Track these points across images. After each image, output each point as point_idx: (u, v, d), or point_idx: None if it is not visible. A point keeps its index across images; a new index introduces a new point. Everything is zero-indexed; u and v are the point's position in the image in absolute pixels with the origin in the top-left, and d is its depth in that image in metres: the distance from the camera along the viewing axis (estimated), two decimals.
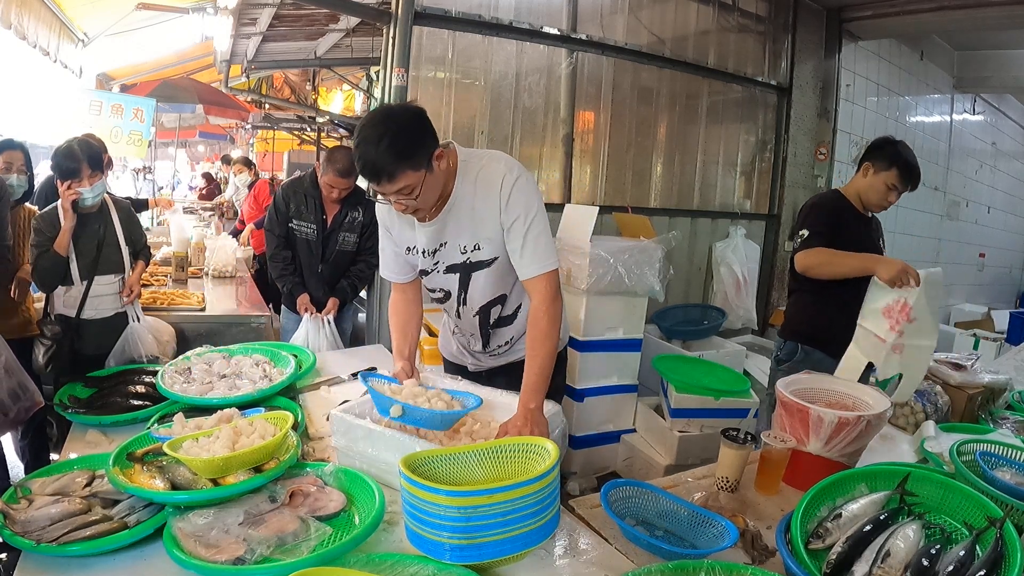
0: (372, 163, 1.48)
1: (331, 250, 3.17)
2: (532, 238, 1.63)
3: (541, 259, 1.65)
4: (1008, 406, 2.36)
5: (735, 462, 1.60)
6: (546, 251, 1.66)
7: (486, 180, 1.65)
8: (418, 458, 1.28)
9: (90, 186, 2.48)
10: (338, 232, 3.15)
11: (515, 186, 1.62)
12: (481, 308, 1.83)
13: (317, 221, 3.13)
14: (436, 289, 1.86)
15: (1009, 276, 8.78)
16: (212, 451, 1.40)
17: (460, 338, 2.01)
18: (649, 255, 3.24)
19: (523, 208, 1.63)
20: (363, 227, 3.17)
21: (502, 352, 1.96)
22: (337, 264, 3.20)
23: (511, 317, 1.88)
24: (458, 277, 1.78)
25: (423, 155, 1.52)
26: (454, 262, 1.75)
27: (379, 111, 1.56)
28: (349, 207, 3.14)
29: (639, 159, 4.61)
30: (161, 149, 10.60)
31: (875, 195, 2.43)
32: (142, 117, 5.71)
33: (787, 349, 2.56)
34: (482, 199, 1.65)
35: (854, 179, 2.53)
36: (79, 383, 2.17)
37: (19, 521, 1.28)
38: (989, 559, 1.14)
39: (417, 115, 1.54)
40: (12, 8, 3.70)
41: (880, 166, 2.40)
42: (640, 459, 3.26)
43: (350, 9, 4.08)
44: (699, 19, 4.68)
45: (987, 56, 6.52)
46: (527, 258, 1.64)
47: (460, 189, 1.66)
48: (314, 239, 3.15)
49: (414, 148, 1.50)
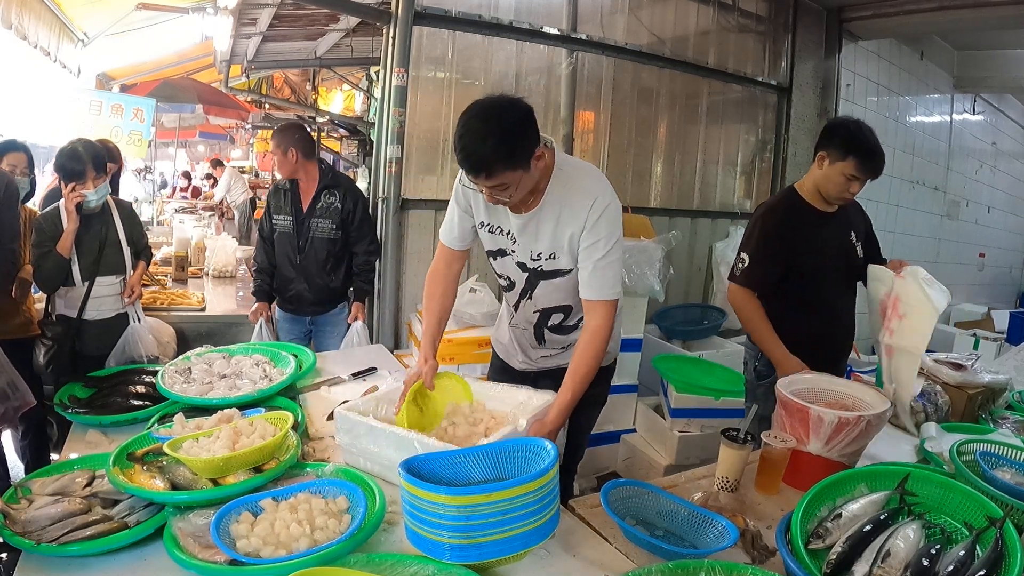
0: (476, 158, 1.51)
1: (305, 238, 3.09)
2: (604, 264, 1.67)
3: (607, 286, 1.69)
4: (1008, 406, 2.36)
5: (735, 462, 1.60)
6: (614, 280, 1.70)
7: (579, 195, 1.67)
8: (418, 458, 1.28)
9: (94, 188, 2.48)
10: (310, 219, 3.08)
11: (605, 211, 1.66)
12: (544, 310, 1.86)
13: (293, 211, 3.10)
14: (504, 276, 1.88)
15: (1009, 276, 8.77)
16: (212, 451, 1.41)
17: (515, 330, 2.00)
18: (649, 255, 3.24)
19: (606, 234, 1.66)
20: (343, 214, 3.09)
21: (555, 355, 1.97)
22: (314, 255, 3.10)
23: (572, 328, 1.90)
24: (526, 277, 1.81)
25: (525, 156, 1.54)
26: (523, 261, 1.78)
27: (488, 104, 1.54)
28: (324, 192, 3.09)
29: (639, 159, 4.61)
30: (161, 149, 10.61)
31: (833, 188, 2.15)
32: (142, 117, 5.70)
33: (766, 361, 2.28)
34: (569, 211, 1.67)
35: (811, 170, 2.24)
36: (79, 383, 2.17)
37: (19, 521, 1.28)
38: (989, 559, 1.14)
39: (525, 115, 1.55)
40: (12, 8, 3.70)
41: (835, 155, 2.12)
42: (640, 459, 3.26)
43: (350, 9, 4.08)
44: (699, 19, 4.68)
45: (987, 56, 6.51)
46: (595, 281, 1.68)
47: (550, 195, 1.68)
48: (290, 230, 3.11)
49: (518, 149, 1.52)
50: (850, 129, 2.13)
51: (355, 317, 3.12)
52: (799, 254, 2.20)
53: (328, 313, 3.22)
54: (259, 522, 1.25)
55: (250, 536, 1.21)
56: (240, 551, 1.18)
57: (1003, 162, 8.04)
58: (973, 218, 7.53)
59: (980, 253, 7.82)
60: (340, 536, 1.21)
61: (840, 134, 2.14)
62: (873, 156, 2.10)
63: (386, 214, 3.50)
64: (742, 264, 2.25)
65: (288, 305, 3.21)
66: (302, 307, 3.19)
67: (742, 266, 2.25)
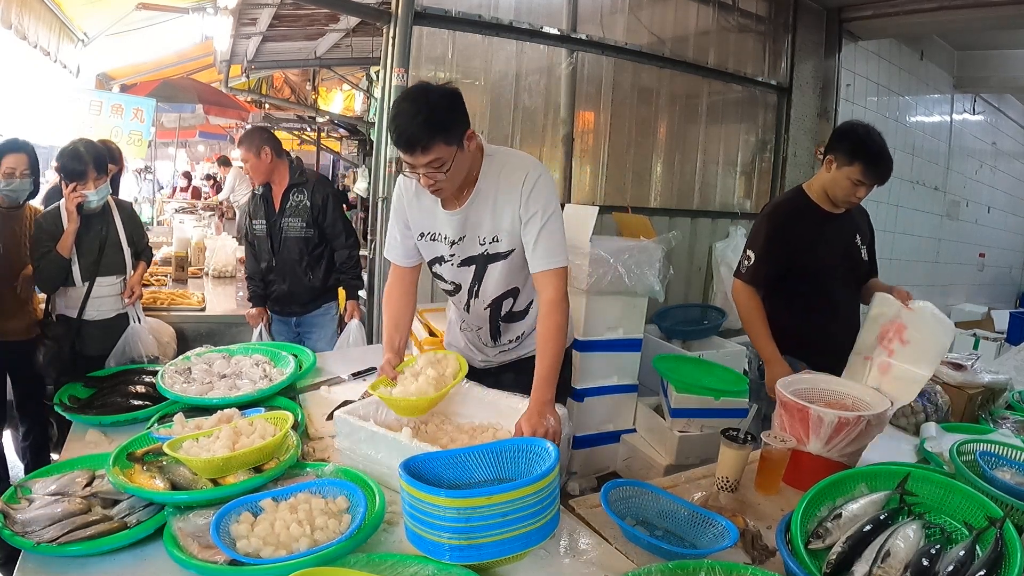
0: (408, 133, 1.55)
1: (278, 239, 3.09)
2: (547, 234, 1.70)
3: (553, 254, 1.71)
4: (1008, 406, 2.36)
5: (735, 462, 1.60)
6: (559, 247, 1.72)
7: (509, 174, 1.71)
8: (419, 458, 1.28)
9: (95, 189, 2.48)
10: (281, 219, 3.07)
11: (537, 183, 1.70)
12: (493, 301, 1.86)
13: (266, 215, 3.10)
14: (448, 281, 1.89)
15: (1009, 276, 8.77)
16: (212, 451, 1.40)
17: (468, 333, 2.02)
18: (649, 255, 3.24)
19: (542, 204, 1.69)
20: (312, 211, 3.06)
21: (512, 348, 1.98)
22: (288, 255, 3.09)
23: (522, 313, 1.91)
24: (474, 269, 1.82)
25: (456, 132, 1.60)
26: (472, 254, 1.80)
27: (417, 87, 1.63)
28: (292, 191, 3.07)
29: (639, 159, 4.61)
30: (161, 149, 10.60)
31: (841, 191, 2.19)
32: (142, 117, 5.71)
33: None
34: (504, 192, 1.71)
35: (819, 173, 2.29)
36: (79, 383, 2.17)
37: (19, 521, 1.28)
38: (989, 559, 1.14)
39: (453, 93, 1.61)
40: (12, 8, 3.70)
41: (842, 160, 2.15)
42: (640, 459, 3.25)
43: (350, 9, 4.08)
44: (699, 19, 4.68)
45: (987, 56, 6.51)
46: (540, 251, 1.70)
47: (483, 181, 1.73)
48: (264, 233, 3.11)
49: (449, 123, 1.58)
50: (859, 134, 2.15)
51: (351, 315, 3.11)
52: (804, 253, 2.22)
53: (312, 314, 3.20)
54: (259, 522, 1.25)
55: (250, 536, 1.21)
56: (240, 551, 1.18)
57: (1003, 162, 8.04)
58: (973, 218, 7.53)
59: (980, 253, 7.82)
60: (340, 536, 1.21)
61: (849, 139, 2.16)
62: (879, 162, 2.12)
63: (386, 214, 3.50)
64: (748, 261, 2.28)
65: (275, 307, 3.22)
66: (286, 308, 3.20)
67: (748, 263, 2.28)
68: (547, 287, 1.71)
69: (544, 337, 1.68)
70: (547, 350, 1.66)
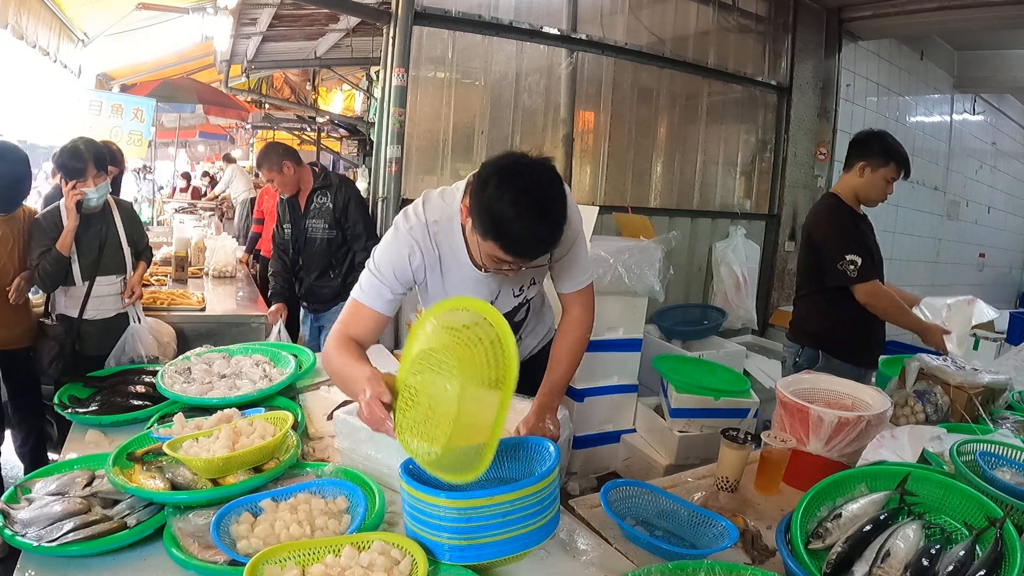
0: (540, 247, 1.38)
1: (301, 242, 3.25)
2: (570, 259, 1.63)
3: (581, 275, 1.67)
4: (1008, 406, 2.36)
5: (735, 462, 1.60)
6: (586, 268, 1.68)
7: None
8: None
9: (95, 187, 2.47)
10: (305, 220, 3.22)
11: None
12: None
13: (292, 218, 3.27)
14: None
15: (1009, 276, 8.77)
16: (212, 451, 1.40)
17: None
18: (649, 255, 3.24)
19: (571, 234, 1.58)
20: (335, 212, 3.18)
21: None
22: (311, 255, 3.26)
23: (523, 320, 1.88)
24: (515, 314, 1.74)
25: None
26: (507, 309, 1.69)
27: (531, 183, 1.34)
28: (316, 194, 3.21)
29: (639, 159, 4.61)
30: (161, 149, 10.61)
31: (875, 192, 2.42)
32: (142, 117, 5.70)
33: (806, 355, 2.46)
34: None
35: (847, 179, 2.49)
36: (79, 383, 2.17)
37: (19, 521, 1.28)
38: (989, 559, 1.14)
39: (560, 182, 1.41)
40: (11, 8, 3.69)
41: (877, 162, 2.38)
42: (640, 459, 3.26)
43: (350, 9, 4.08)
44: (699, 19, 4.68)
45: (987, 56, 6.51)
46: (566, 275, 1.65)
47: None
48: (290, 236, 3.29)
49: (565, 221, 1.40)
50: (885, 139, 2.41)
51: None
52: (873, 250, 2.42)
53: (331, 311, 3.32)
54: (259, 523, 1.25)
55: (250, 537, 1.20)
56: (240, 552, 1.18)
57: (1003, 162, 8.04)
58: (973, 218, 7.53)
59: (980, 253, 7.82)
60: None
61: (878, 144, 2.41)
62: (907, 159, 2.40)
63: (386, 214, 3.52)
64: (854, 266, 2.33)
65: (303, 303, 3.45)
66: (311, 304, 3.41)
67: (856, 267, 2.33)
68: (574, 305, 1.68)
69: (565, 349, 1.67)
70: (564, 361, 1.65)
